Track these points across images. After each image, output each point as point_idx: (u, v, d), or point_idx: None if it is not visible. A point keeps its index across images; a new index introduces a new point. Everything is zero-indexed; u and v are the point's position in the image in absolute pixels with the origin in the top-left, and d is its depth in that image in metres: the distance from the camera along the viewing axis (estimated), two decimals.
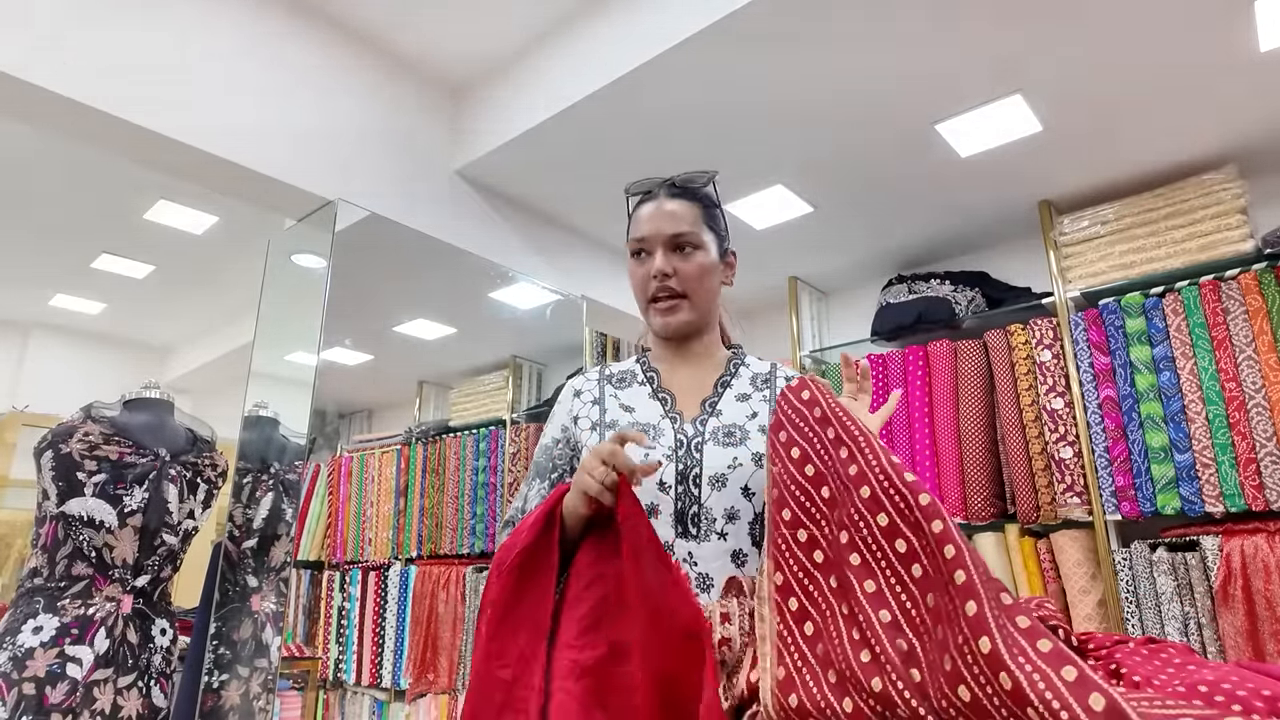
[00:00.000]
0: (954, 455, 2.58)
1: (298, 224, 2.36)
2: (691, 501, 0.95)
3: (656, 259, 1.04)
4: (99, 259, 3.92)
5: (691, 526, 0.94)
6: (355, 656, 3.15)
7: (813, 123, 2.33)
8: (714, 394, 1.06)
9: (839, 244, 3.10)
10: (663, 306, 1.04)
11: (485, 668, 0.84)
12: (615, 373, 1.11)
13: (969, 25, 1.93)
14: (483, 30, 2.47)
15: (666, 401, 1.05)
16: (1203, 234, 2.31)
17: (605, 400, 1.06)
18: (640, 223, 1.07)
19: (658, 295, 1.04)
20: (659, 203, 1.07)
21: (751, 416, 1.03)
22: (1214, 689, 0.56)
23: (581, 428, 1.05)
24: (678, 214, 1.05)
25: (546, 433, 1.10)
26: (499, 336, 3.22)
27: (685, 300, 1.04)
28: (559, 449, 1.07)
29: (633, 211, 1.11)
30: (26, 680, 1.51)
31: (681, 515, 0.95)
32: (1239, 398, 2.11)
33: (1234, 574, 1.96)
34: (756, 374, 1.10)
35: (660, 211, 1.06)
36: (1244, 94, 2.15)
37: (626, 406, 1.05)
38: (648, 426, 1.01)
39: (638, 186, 1.12)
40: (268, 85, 2.24)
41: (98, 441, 1.70)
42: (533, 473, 1.07)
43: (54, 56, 1.82)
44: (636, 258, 1.07)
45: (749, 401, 1.05)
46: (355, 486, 3.48)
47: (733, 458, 0.97)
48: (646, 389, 1.07)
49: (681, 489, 0.96)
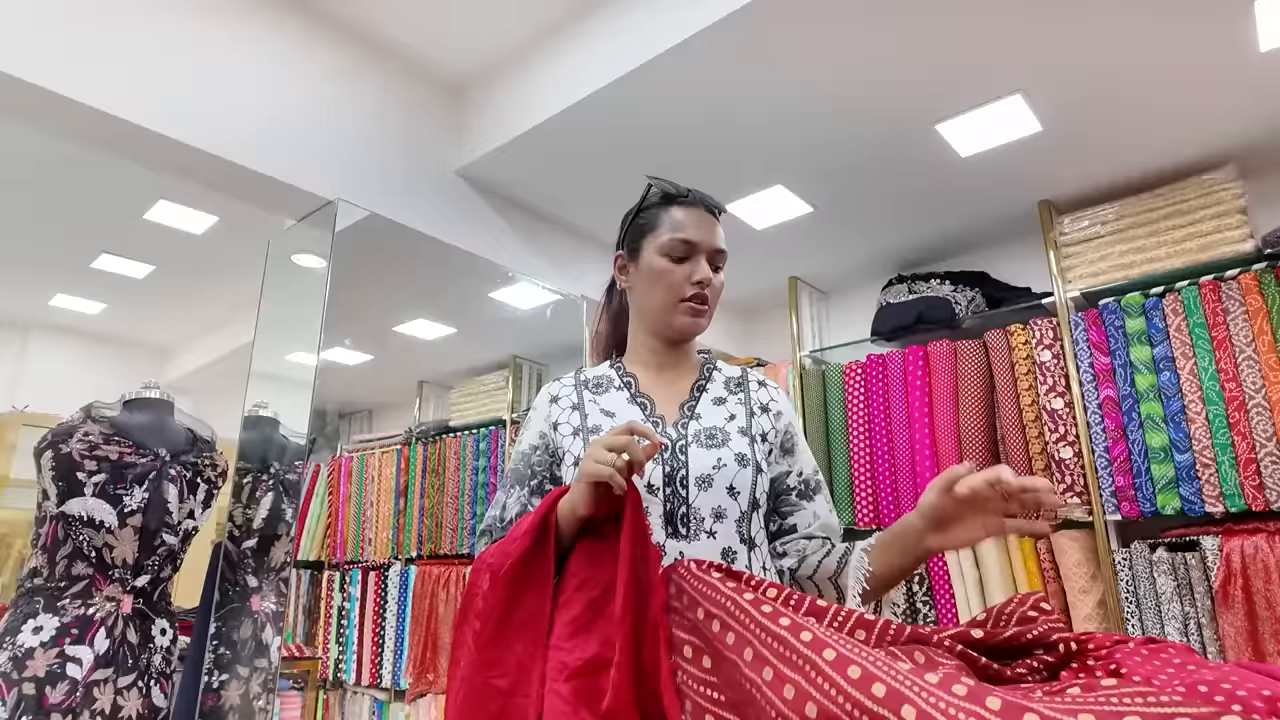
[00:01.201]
0: (954, 456, 2.58)
1: (298, 224, 2.35)
2: (680, 502, 0.97)
3: (703, 266, 1.06)
4: (99, 259, 3.92)
5: (681, 526, 0.96)
6: (355, 656, 3.15)
7: (813, 123, 2.33)
8: (691, 398, 1.08)
9: (839, 244, 3.10)
10: (698, 309, 1.07)
11: (479, 677, 0.84)
12: (591, 378, 1.12)
13: (969, 26, 1.93)
14: (483, 30, 2.47)
15: (646, 406, 1.06)
16: (1202, 234, 2.31)
17: (585, 405, 1.07)
18: (688, 225, 1.07)
19: (694, 298, 1.07)
20: (701, 213, 1.09)
21: (730, 419, 1.05)
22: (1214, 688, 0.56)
23: (562, 434, 1.05)
24: (720, 232, 1.10)
25: (523, 439, 1.09)
26: (499, 336, 3.22)
27: (709, 310, 1.09)
28: (537, 455, 1.07)
29: (661, 207, 1.10)
30: (26, 680, 1.51)
31: (671, 516, 0.96)
32: (1239, 398, 2.11)
33: (1234, 574, 1.96)
34: (729, 378, 1.13)
35: (709, 222, 1.09)
36: (1244, 94, 2.15)
37: (607, 411, 1.06)
38: None
39: (671, 187, 1.11)
40: (268, 85, 2.24)
41: (98, 441, 1.70)
42: (510, 480, 1.07)
43: (54, 56, 1.82)
44: (676, 258, 1.07)
45: (725, 405, 1.08)
46: (355, 486, 3.49)
47: (717, 459, 0.99)
48: (624, 394, 1.08)
49: (669, 490, 0.97)
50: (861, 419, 2.86)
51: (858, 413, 2.87)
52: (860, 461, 2.82)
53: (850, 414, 2.89)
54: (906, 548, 0.94)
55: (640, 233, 1.11)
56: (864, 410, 2.87)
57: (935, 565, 2.53)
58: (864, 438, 2.84)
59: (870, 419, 2.85)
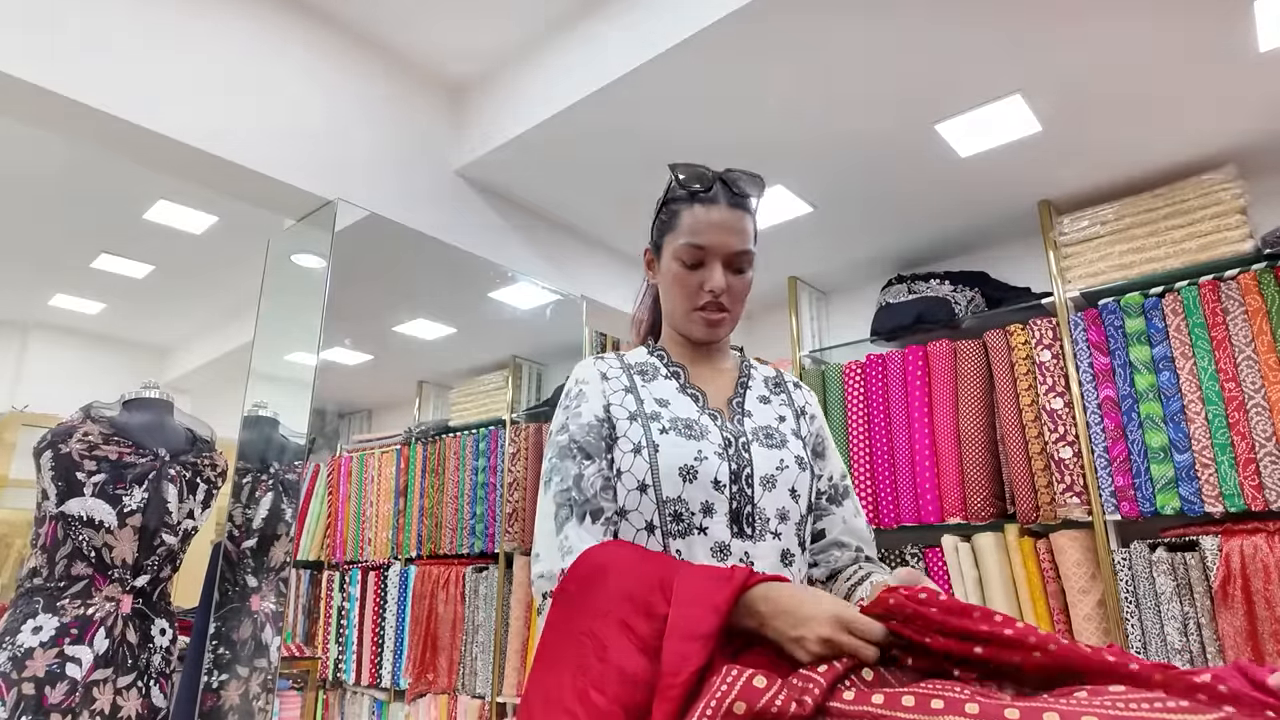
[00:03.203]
0: (954, 455, 2.58)
1: (297, 224, 2.36)
2: (745, 501, 0.93)
3: (715, 275, 1.00)
4: (99, 259, 3.93)
5: (747, 526, 0.93)
6: (355, 656, 3.15)
7: (813, 123, 2.33)
8: (737, 394, 1.05)
9: (839, 244, 3.10)
10: (712, 318, 1.02)
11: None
12: (635, 363, 1.07)
13: (969, 25, 1.93)
14: (482, 30, 2.47)
15: (698, 398, 1.02)
16: (1202, 234, 2.31)
17: (638, 390, 1.02)
18: (701, 229, 1.00)
19: (707, 306, 1.02)
20: (721, 210, 1.01)
21: (780, 420, 1.04)
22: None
23: (616, 415, 0.98)
24: (742, 230, 1.02)
25: (584, 412, 0.99)
26: (499, 336, 3.22)
27: (729, 315, 1.04)
28: (604, 429, 0.98)
29: (682, 203, 1.03)
30: (26, 680, 1.51)
31: (737, 515, 0.93)
32: (1238, 398, 2.11)
33: (1234, 574, 1.96)
34: (767, 377, 1.11)
35: (725, 223, 1.01)
36: (1244, 94, 2.15)
37: (660, 400, 1.00)
38: (690, 421, 0.97)
39: (693, 178, 1.03)
40: (268, 85, 2.24)
41: (97, 441, 1.70)
42: (578, 453, 0.95)
43: (54, 56, 1.82)
44: (690, 264, 1.01)
45: (770, 405, 1.06)
46: (355, 486, 3.49)
47: (779, 459, 0.97)
48: (674, 383, 1.04)
49: (735, 488, 0.93)
50: (861, 419, 2.86)
51: (857, 413, 2.87)
52: (860, 462, 2.82)
53: (850, 414, 2.89)
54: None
55: (663, 230, 1.06)
56: (863, 410, 2.87)
57: (935, 565, 2.53)
58: (863, 438, 2.84)
59: (870, 419, 2.85)
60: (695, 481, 0.91)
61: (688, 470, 0.92)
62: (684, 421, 0.97)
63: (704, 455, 0.93)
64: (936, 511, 2.58)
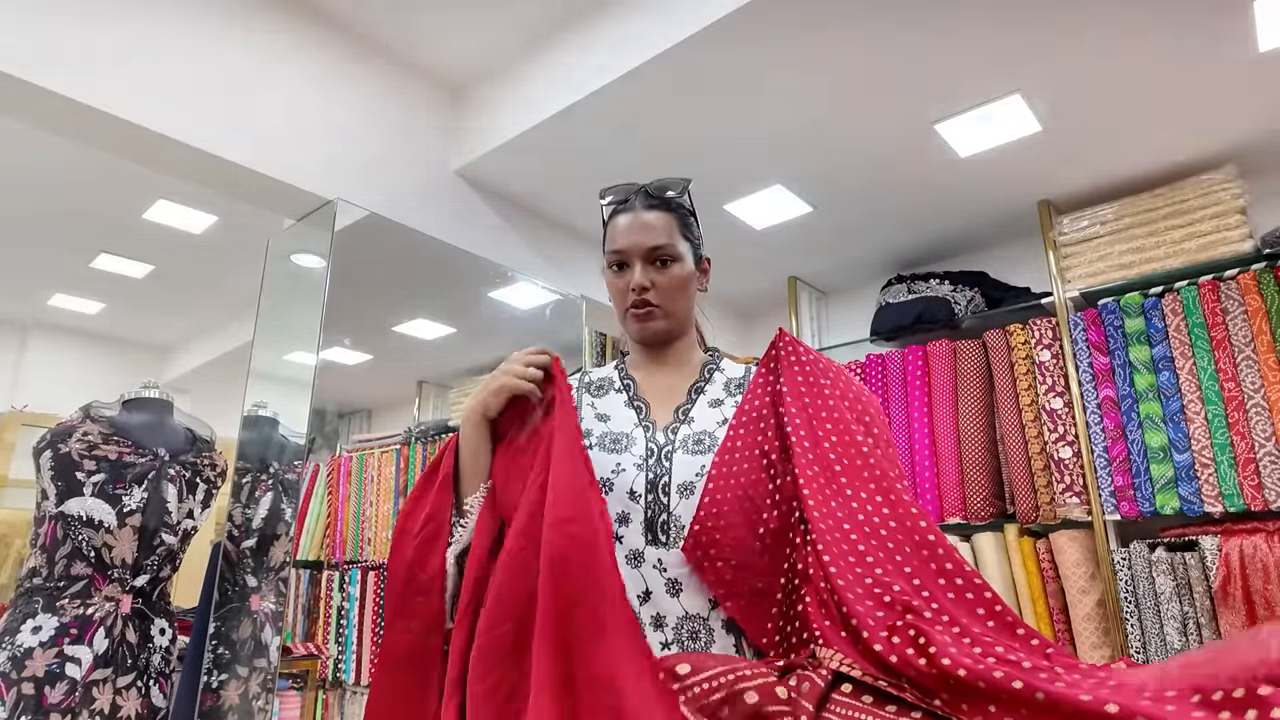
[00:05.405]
0: (953, 455, 2.58)
1: (297, 224, 2.35)
2: (661, 510, 0.95)
3: (635, 272, 1.04)
4: (98, 259, 3.92)
5: (661, 534, 0.95)
6: (355, 656, 3.14)
7: (812, 123, 2.33)
8: (687, 400, 1.06)
9: (839, 244, 3.10)
10: (640, 314, 1.06)
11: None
12: (594, 380, 1.12)
13: (969, 26, 1.93)
14: (482, 30, 2.47)
15: (641, 410, 1.05)
16: (1202, 234, 2.31)
17: (582, 408, 1.07)
18: (617, 235, 1.06)
19: (635, 306, 1.05)
20: (635, 214, 1.06)
21: (722, 423, 1.03)
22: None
23: None
24: (655, 226, 1.05)
25: None
26: (498, 336, 3.21)
27: (660, 310, 1.06)
28: None
29: (608, 220, 1.10)
30: (25, 680, 1.51)
31: (651, 523, 0.95)
32: (1238, 398, 2.11)
33: (1233, 574, 1.96)
34: (730, 379, 1.10)
35: (637, 224, 1.06)
36: (1243, 94, 2.15)
37: (602, 415, 1.05)
38: (620, 436, 1.01)
39: (612, 194, 1.10)
40: (267, 85, 2.24)
41: (97, 441, 1.70)
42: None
43: (54, 57, 1.82)
44: (614, 269, 1.07)
45: (721, 408, 1.05)
46: (355, 486, 3.48)
47: (700, 465, 0.97)
48: (623, 396, 1.08)
49: (651, 497, 0.96)
50: None
51: None
52: None
53: None
54: None
55: (603, 248, 1.12)
56: None
57: None
58: None
59: None
60: (612, 493, 0.95)
61: (605, 483, 0.96)
62: (612, 436, 1.01)
63: (622, 468, 0.97)
64: (936, 511, 2.58)
